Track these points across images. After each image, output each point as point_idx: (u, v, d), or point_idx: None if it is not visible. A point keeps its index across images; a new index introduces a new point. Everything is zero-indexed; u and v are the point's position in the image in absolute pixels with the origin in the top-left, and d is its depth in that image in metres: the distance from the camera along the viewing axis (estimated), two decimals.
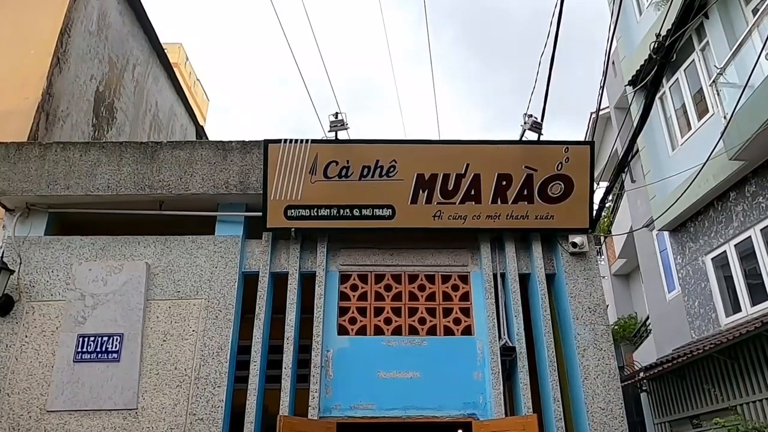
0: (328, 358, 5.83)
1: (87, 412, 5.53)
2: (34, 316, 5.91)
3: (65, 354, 5.71)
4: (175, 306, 5.96)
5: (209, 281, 6.05)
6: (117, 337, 5.77)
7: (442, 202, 6.04)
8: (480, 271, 6.19)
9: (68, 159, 6.35)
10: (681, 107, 10.26)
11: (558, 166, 6.01)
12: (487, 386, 5.69)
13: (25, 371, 5.68)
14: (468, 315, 6.06)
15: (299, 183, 6.03)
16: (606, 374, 5.64)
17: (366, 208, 6.04)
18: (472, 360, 5.83)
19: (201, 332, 5.83)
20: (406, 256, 6.27)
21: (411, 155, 6.06)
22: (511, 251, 6.21)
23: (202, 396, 5.57)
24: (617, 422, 5.47)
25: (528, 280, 6.29)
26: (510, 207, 6.05)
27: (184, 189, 6.25)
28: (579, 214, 6.07)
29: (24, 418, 5.49)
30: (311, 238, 6.28)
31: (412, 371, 5.76)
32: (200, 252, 6.17)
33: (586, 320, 5.86)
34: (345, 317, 6.04)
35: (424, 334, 5.96)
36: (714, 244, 9.54)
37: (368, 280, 6.21)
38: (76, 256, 6.15)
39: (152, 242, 6.22)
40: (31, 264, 6.12)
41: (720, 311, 9.42)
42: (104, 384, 5.61)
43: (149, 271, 6.06)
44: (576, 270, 6.08)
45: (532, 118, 5.89)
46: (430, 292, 6.17)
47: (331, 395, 5.69)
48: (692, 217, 10.05)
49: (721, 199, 9.32)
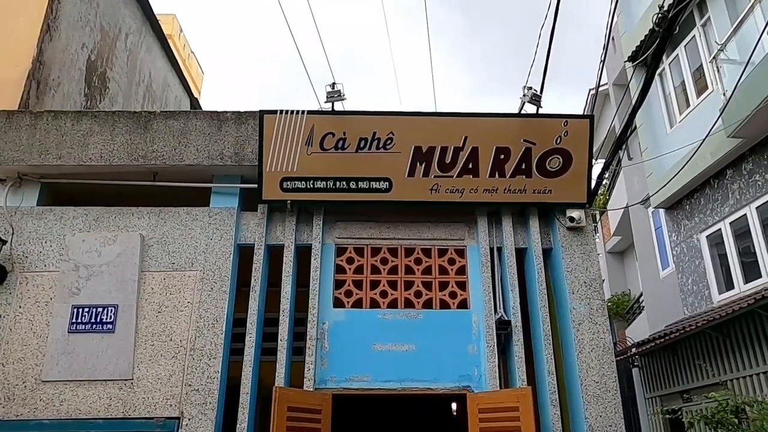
0: (323, 330, 5.83)
1: (82, 382, 5.53)
2: (28, 286, 5.87)
3: (60, 324, 5.69)
4: (170, 278, 5.92)
5: (204, 253, 6.01)
6: (111, 308, 5.74)
7: (439, 175, 5.99)
8: (477, 245, 6.17)
9: (60, 128, 6.24)
10: (680, 84, 10.17)
11: (557, 139, 5.96)
12: (482, 359, 5.72)
13: (19, 341, 5.66)
14: (464, 289, 6.06)
15: (295, 155, 5.96)
16: (600, 348, 5.68)
17: (363, 180, 5.99)
18: (467, 333, 5.85)
19: (196, 304, 5.81)
20: (403, 230, 6.24)
21: (408, 127, 5.99)
22: (508, 225, 6.19)
23: (197, 367, 5.58)
24: (611, 395, 5.52)
25: (525, 254, 6.28)
26: (508, 181, 6.00)
27: (178, 160, 6.17)
28: (577, 188, 6.04)
29: (19, 388, 5.49)
30: (307, 210, 6.23)
31: (407, 344, 5.77)
32: (195, 224, 6.12)
33: (581, 295, 5.87)
34: (341, 290, 6.03)
35: (419, 307, 5.96)
36: (709, 221, 9.56)
37: (364, 253, 6.19)
38: (70, 226, 6.08)
39: (146, 214, 6.16)
40: (24, 234, 6.05)
41: (713, 288, 9.48)
42: (99, 355, 5.60)
43: (143, 243, 6.01)
44: (573, 245, 6.07)
45: (531, 91, 5.81)
46: (426, 265, 6.15)
47: (327, 367, 5.71)
48: (688, 194, 10.05)
49: (717, 176, 9.31)
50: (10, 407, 5.42)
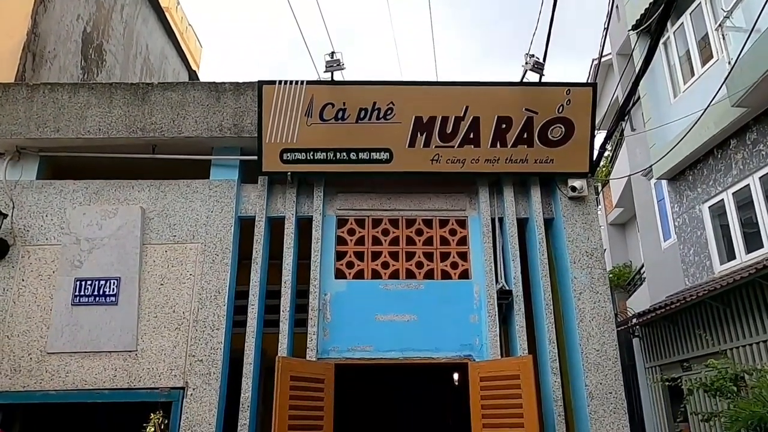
0: (325, 301, 5.85)
1: (87, 353, 5.58)
2: (30, 260, 5.88)
3: (63, 297, 5.72)
4: (172, 250, 5.93)
5: (205, 225, 6.00)
6: (114, 280, 5.76)
7: (440, 145, 5.94)
8: (478, 216, 6.16)
9: (57, 101, 6.18)
10: (685, 53, 10.02)
11: (559, 108, 5.89)
12: (483, 329, 5.75)
13: (23, 314, 5.70)
14: (465, 259, 6.06)
15: (295, 126, 5.90)
16: (601, 317, 5.70)
17: (363, 151, 5.95)
18: (468, 303, 5.87)
19: (198, 276, 5.83)
20: (404, 201, 6.21)
21: (409, 97, 5.92)
22: (509, 196, 6.16)
23: (200, 338, 5.62)
24: (611, 363, 5.56)
25: (526, 224, 6.27)
26: (509, 151, 5.96)
27: (177, 132, 6.12)
28: (579, 157, 5.99)
29: (25, 360, 5.55)
30: (308, 182, 6.21)
31: (409, 314, 5.80)
32: (195, 196, 6.10)
33: (583, 264, 5.87)
34: (342, 261, 6.04)
35: (421, 278, 5.98)
36: (712, 192, 9.51)
37: (365, 225, 6.18)
38: (70, 200, 6.07)
39: (146, 186, 6.14)
40: (25, 208, 6.05)
41: (714, 259, 9.49)
42: (103, 327, 5.64)
43: (144, 216, 6.00)
44: (574, 214, 6.05)
45: (533, 59, 5.73)
46: (427, 236, 6.15)
47: (329, 338, 5.75)
48: (691, 165, 9.99)
49: (721, 147, 9.24)
50: (16, 378, 5.48)
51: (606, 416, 5.40)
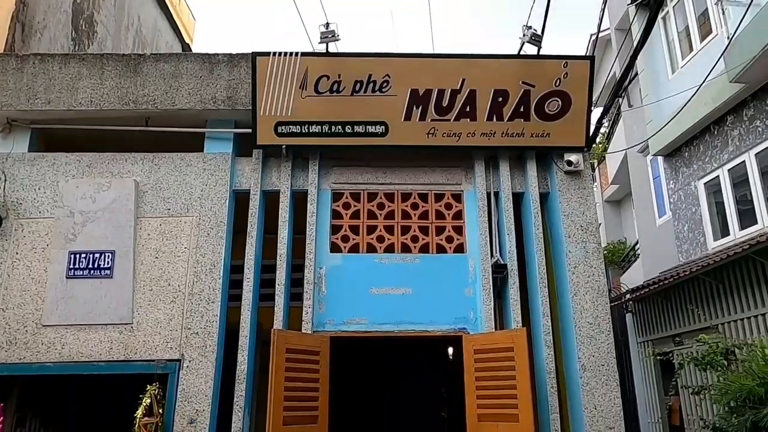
0: (320, 275, 5.86)
1: (83, 326, 5.59)
2: (24, 233, 5.85)
3: (57, 270, 5.70)
4: (166, 223, 5.91)
5: (200, 199, 5.97)
6: (108, 254, 5.74)
7: (436, 118, 5.90)
8: (474, 190, 6.14)
9: (47, 72, 6.09)
10: (684, 29, 9.93)
11: (556, 82, 5.84)
12: (478, 302, 5.79)
13: (18, 287, 5.69)
14: (461, 233, 6.07)
15: (289, 98, 5.84)
16: (595, 291, 5.74)
17: (358, 124, 5.90)
18: (463, 277, 5.89)
19: (193, 249, 5.82)
20: (399, 175, 6.19)
21: (405, 70, 5.85)
22: (505, 170, 6.14)
23: (196, 311, 5.63)
24: (604, 336, 5.62)
25: (521, 198, 6.26)
26: (506, 124, 5.92)
27: (170, 104, 6.05)
28: (575, 131, 5.96)
29: (21, 332, 5.55)
30: (303, 155, 6.17)
31: (404, 288, 5.82)
32: (189, 169, 6.06)
33: (578, 238, 5.89)
34: (337, 235, 6.03)
35: (416, 251, 5.99)
36: (707, 168, 9.52)
37: (361, 199, 6.16)
38: (63, 173, 6.02)
39: (140, 159, 6.09)
40: (17, 181, 5.99)
41: (708, 235, 9.53)
42: (99, 300, 5.64)
43: (138, 189, 5.96)
44: (570, 189, 6.05)
45: (531, 30, 5.66)
46: (423, 210, 6.14)
47: (324, 311, 5.77)
48: (687, 142, 9.97)
49: (718, 123, 9.21)
50: (12, 351, 5.50)
51: (598, 388, 5.47)
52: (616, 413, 5.42)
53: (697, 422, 8.42)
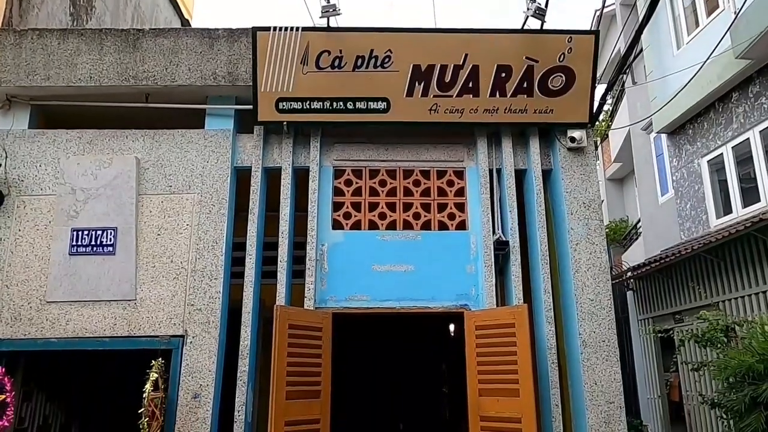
0: (322, 251, 5.87)
1: (86, 302, 5.62)
2: (26, 210, 5.85)
3: (60, 247, 5.72)
4: (168, 201, 5.90)
5: (201, 176, 5.95)
6: (111, 231, 5.75)
7: (438, 94, 5.84)
8: (476, 167, 6.12)
9: (46, 47, 6.03)
10: (690, 4, 9.80)
11: (560, 57, 5.77)
12: (479, 279, 5.80)
13: (21, 264, 5.71)
14: (463, 210, 6.05)
15: (291, 74, 5.78)
16: (597, 267, 5.74)
17: (360, 101, 5.84)
18: (465, 254, 5.89)
19: (195, 226, 5.82)
20: (401, 151, 6.16)
21: (407, 45, 5.78)
22: (507, 146, 6.10)
23: (199, 288, 5.66)
24: (605, 312, 5.64)
25: (524, 175, 6.24)
26: (509, 100, 5.86)
27: (170, 80, 5.99)
28: (579, 107, 5.91)
29: (25, 309, 5.59)
30: (304, 132, 6.13)
31: (406, 265, 5.83)
32: (190, 146, 6.03)
33: (580, 215, 5.87)
34: (339, 212, 6.03)
35: (418, 228, 5.98)
36: (711, 146, 9.46)
37: (363, 176, 6.14)
38: (63, 150, 6.00)
39: (141, 136, 6.06)
40: (18, 158, 5.97)
41: (711, 213, 9.52)
42: (102, 276, 5.67)
43: (139, 166, 5.94)
44: (573, 165, 6.01)
45: (535, 4, 5.57)
46: (425, 187, 6.12)
47: (326, 287, 5.79)
48: (691, 119, 9.90)
49: (722, 100, 9.13)
50: (17, 327, 5.54)
51: (598, 364, 5.51)
52: (616, 388, 5.47)
53: (696, 398, 8.51)
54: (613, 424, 5.37)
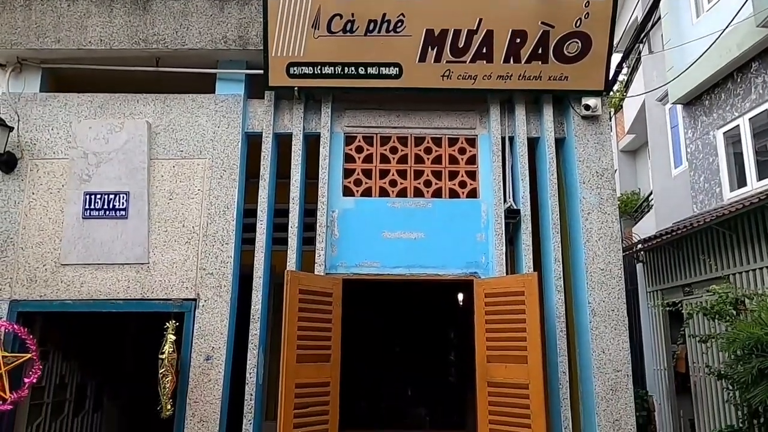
0: (333, 218, 5.88)
1: (100, 265, 5.69)
2: (39, 173, 5.89)
3: (73, 211, 5.77)
4: (179, 165, 5.91)
5: (212, 141, 5.95)
6: (123, 195, 5.79)
7: (451, 60, 5.75)
8: (488, 134, 6.06)
9: (56, 9, 5.98)
10: None
11: (577, 22, 5.64)
12: (490, 247, 5.80)
13: (36, 227, 5.77)
14: (474, 178, 6.02)
15: (302, 38, 5.71)
16: (608, 237, 5.72)
17: (372, 66, 5.77)
18: (476, 222, 5.88)
19: (206, 191, 5.84)
20: (413, 118, 6.10)
21: (420, 8, 5.67)
22: (521, 114, 6.03)
23: (210, 252, 5.71)
24: (615, 281, 5.64)
25: (537, 143, 6.18)
26: (523, 67, 5.77)
27: (180, 44, 5.94)
28: (594, 74, 5.80)
29: (40, 271, 5.67)
30: (315, 97, 6.08)
31: (416, 232, 5.84)
32: (201, 111, 6.01)
33: (592, 184, 5.83)
34: (350, 179, 6.02)
35: (429, 196, 5.97)
36: (728, 117, 9.31)
37: (374, 142, 6.10)
38: (75, 113, 6.00)
39: (152, 100, 6.04)
40: (30, 122, 5.99)
41: (725, 186, 9.42)
42: (115, 240, 5.72)
43: (150, 130, 5.94)
44: (587, 134, 5.94)
45: None
46: (436, 155, 6.08)
47: (337, 254, 5.82)
48: (708, 90, 9.72)
49: (741, 70, 8.94)
50: (33, 288, 5.64)
51: (607, 332, 5.53)
52: (623, 357, 5.50)
53: (703, 370, 8.56)
54: (620, 392, 5.42)
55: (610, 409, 5.38)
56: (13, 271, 5.67)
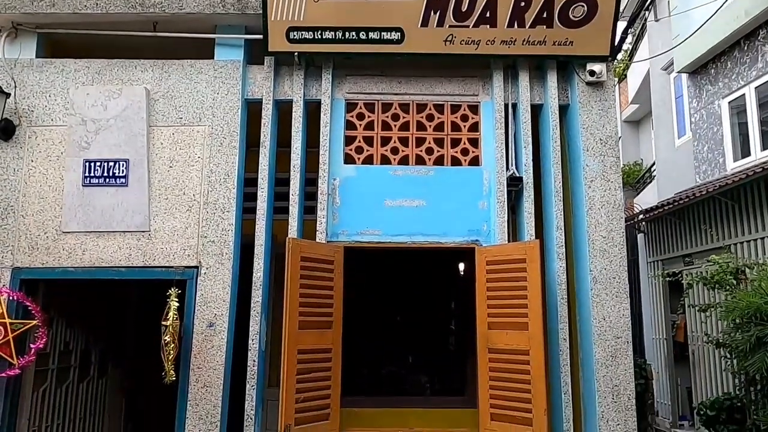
0: (334, 186, 5.85)
1: (101, 233, 5.68)
2: (38, 141, 5.84)
3: (73, 178, 5.73)
4: (179, 133, 5.85)
5: (211, 108, 5.88)
6: (123, 162, 5.74)
7: (454, 25, 5.64)
8: (491, 101, 5.98)
9: None
10: None
11: None
12: (491, 215, 5.78)
13: (36, 195, 5.75)
14: (476, 146, 5.97)
15: (302, 2, 5.58)
16: (611, 205, 5.69)
17: (373, 30, 5.66)
18: (478, 190, 5.85)
19: (207, 159, 5.80)
20: (415, 85, 6.02)
21: None
22: (524, 80, 5.94)
23: (212, 220, 5.69)
24: (617, 249, 5.63)
25: (540, 110, 6.10)
26: (527, 31, 5.65)
27: (177, 8, 5.82)
28: (600, 40, 5.70)
29: (42, 238, 5.67)
30: (315, 63, 5.99)
31: (418, 200, 5.81)
32: (200, 77, 5.92)
33: (596, 152, 5.78)
34: (351, 146, 5.96)
35: (431, 164, 5.92)
36: (734, 86, 9.20)
37: (375, 109, 6.03)
38: (72, 80, 5.91)
39: (150, 66, 5.95)
40: (27, 88, 5.91)
41: (728, 156, 9.36)
42: (115, 207, 5.70)
43: (149, 97, 5.86)
44: (591, 100, 5.86)
45: None
46: (438, 122, 6.02)
47: (338, 222, 5.80)
48: (715, 58, 9.58)
49: (749, 37, 8.80)
50: (35, 256, 5.64)
51: (608, 300, 5.55)
52: (624, 324, 5.53)
53: (702, 339, 8.63)
54: (620, 358, 5.46)
55: (610, 375, 5.43)
56: (14, 239, 5.67)
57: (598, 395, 5.39)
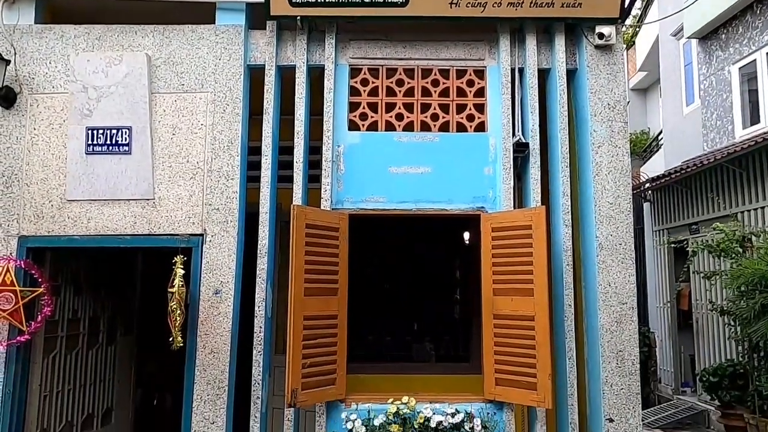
0: (338, 153, 5.80)
1: (106, 201, 5.67)
2: (39, 108, 5.79)
3: (76, 146, 5.70)
4: (181, 100, 5.79)
5: (214, 74, 5.80)
6: (125, 129, 5.70)
7: None
8: (497, 66, 5.88)
9: None
10: None
11: None
12: (497, 181, 5.74)
13: (39, 162, 5.72)
14: (482, 111, 5.89)
15: None
16: (618, 170, 5.64)
17: None
18: (483, 156, 5.80)
19: (210, 126, 5.75)
20: (420, 49, 5.91)
21: None
22: (531, 44, 5.82)
23: (216, 188, 5.67)
24: (623, 216, 5.59)
25: (547, 75, 6.00)
26: None
27: None
28: (609, 1, 5.56)
29: (46, 207, 5.67)
30: (318, 28, 5.88)
31: (423, 166, 5.76)
32: (202, 43, 5.83)
33: (604, 117, 5.69)
34: (355, 113, 5.89)
35: (436, 130, 5.85)
36: (744, 52, 9.02)
37: (379, 75, 5.94)
38: (72, 46, 5.83)
39: (150, 32, 5.85)
40: (27, 55, 5.83)
41: (737, 123, 9.24)
42: (119, 175, 5.68)
43: (150, 63, 5.78)
44: (599, 65, 5.75)
45: None
46: (443, 87, 5.92)
47: (343, 189, 5.77)
48: (726, 22, 9.39)
49: (762, 1, 8.60)
50: (40, 224, 5.64)
51: (614, 266, 5.54)
52: (629, 290, 5.53)
53: (706, 306, 8.65)
54: (625, 324, 5.48)
55: (614, 341, 5.45)
56: (19, 207, 5.67)
57: (603, 360, 5.42)
